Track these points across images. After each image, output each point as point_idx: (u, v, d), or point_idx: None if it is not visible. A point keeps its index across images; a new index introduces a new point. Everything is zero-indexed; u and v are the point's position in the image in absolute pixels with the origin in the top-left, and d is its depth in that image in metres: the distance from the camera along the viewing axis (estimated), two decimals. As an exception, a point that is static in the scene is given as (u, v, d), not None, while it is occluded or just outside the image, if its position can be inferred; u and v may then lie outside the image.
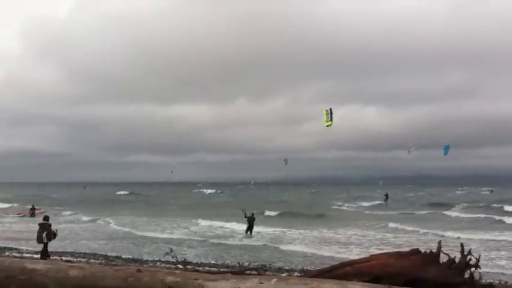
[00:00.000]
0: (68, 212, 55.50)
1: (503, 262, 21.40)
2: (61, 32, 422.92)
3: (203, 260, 22.29)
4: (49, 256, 21.00)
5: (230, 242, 29.83)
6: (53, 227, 21.70)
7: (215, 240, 30.22)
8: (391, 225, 37.48)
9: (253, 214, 33.53)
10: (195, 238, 31.35)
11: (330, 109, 28.58)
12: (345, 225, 38.45)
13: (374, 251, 21.75)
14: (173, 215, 49.25)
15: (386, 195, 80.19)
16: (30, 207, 52.90)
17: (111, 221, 42.47)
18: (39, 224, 22.00)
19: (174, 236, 32.39)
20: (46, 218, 22.26)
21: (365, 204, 71.52)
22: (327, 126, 28.45)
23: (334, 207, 66.47)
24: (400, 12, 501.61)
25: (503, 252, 24.16)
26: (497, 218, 43.95)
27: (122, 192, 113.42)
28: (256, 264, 20.41)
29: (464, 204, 64.60)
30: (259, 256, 24.05)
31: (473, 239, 28.34)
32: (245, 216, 33.15)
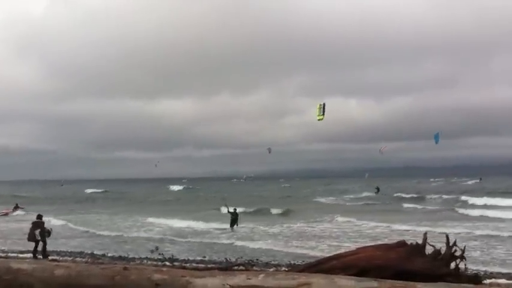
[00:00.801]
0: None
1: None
2: (39, 27, 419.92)
3: (189, 257, 22.23)
4: (48, 256, 20.97)
5: (204, 239, 29.07)
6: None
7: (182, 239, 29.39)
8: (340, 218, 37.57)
9: (235, 209, 33.52)
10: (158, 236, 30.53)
11: (324, 104, 28.89)
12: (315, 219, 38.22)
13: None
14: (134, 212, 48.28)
15: (378, 188, 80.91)
16: (14, 206, 52.85)
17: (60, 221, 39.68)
18: (32, 222, 22.01)
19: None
20: (39, 217, 22.28)
21: (349, 197, 72.15)
22: (319, 120, 28.79)
23: (316, 199, 67.47)
24: (379, 3, 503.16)
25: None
26: (459, 210, 44.57)
27: (93, 190, 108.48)
28: (243, 259, 20.41)
29: (434, 196, 65.23)
30: (227, 253, 23.72)
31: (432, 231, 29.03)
32: (228, 211, 33.08)
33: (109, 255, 23.08)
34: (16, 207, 52.21)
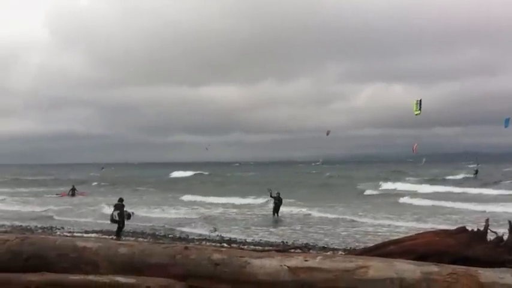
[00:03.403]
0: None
1: None
2: (85, 19, 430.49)
3: (247, 239, 22.53)
4: (120, 236, 21.87)
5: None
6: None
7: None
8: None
9: (279, 194, 31.16)
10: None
11: (420, 100, 30.45)
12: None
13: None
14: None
15: (476, 171, 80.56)
16: (71, 188, 54.45)
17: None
18: (114, 205, 23.56)
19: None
20: (120, 200, 23.58)
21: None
22: (416, 114, 30.15)
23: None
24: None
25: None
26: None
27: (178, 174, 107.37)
28: (300, 243, 20.52)
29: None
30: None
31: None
32: (271, 196, 31.30)
33: (170, 236, 23.67)
34: (73, 190, 53.50)
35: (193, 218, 30.80)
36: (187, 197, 46.24)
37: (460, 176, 78.65)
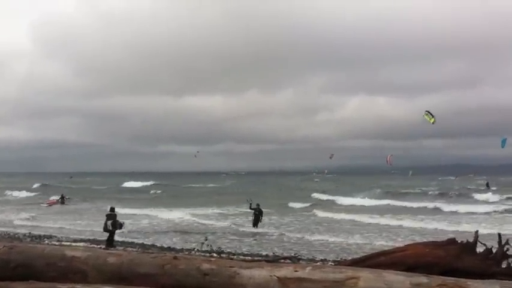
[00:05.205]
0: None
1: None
2: (68, 28, 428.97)
3: (237, 250, 22.51)
4: (114, 246, 21.79)
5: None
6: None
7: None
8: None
9: (258, 205, 30.35)
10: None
11: (428, 111, 31.17)
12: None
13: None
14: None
15: (487, 184, 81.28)
16: (60, 196, 54.32)
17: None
18: (106, 215, 23.51)
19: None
20: (112, 209, 23.52)
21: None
22: (432, 123, 30.75)
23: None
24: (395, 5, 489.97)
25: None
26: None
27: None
28: (290, 253, 20.50)
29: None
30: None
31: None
32: (250, 208, 30.26)
33: (158, 245, 23.59)
34: (62, 198, 53.40)
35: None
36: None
37: (429, 188, 76.97)
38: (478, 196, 56.09)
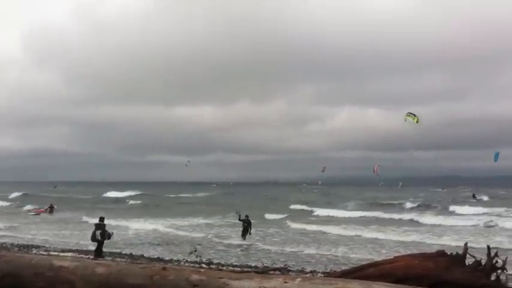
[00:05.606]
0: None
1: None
2: (59, 37, 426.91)
3: (226, 261, 22.43)
4: (103, 256, 21.59)
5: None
6: None
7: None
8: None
9: (247, 216, 30.36)
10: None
11: (410, 112, 31.30)
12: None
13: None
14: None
15: (474, 195, 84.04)
16: (49, 205, 54.03)
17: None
18: (95, 224, 23.13)
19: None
20: (101, 219, 23.21)
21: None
22: (417, 122, 30.77)
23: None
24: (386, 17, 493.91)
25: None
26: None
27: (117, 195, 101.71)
28: (279, 264, 20.47)
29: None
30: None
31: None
32: (239, 219, 30.30)
33: (146, 256, 23.45)
34: (51, 207, 53.13)
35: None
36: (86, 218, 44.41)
37: (416, 200, 77.02)
38: (460, 209, 55.78)
